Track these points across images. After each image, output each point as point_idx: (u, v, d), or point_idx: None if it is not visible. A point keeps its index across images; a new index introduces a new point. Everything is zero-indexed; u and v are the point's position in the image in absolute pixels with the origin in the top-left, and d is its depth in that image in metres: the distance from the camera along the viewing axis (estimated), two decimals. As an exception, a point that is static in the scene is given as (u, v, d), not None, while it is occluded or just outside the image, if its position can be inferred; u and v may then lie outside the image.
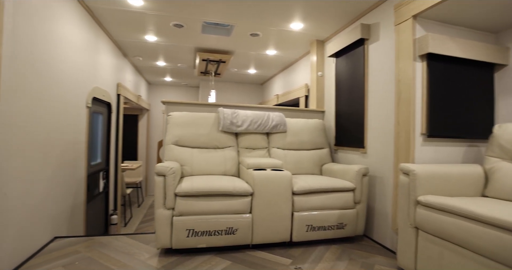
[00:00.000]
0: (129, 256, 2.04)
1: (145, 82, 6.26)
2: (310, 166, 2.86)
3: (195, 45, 3.77)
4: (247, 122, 2.84)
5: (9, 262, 1.79)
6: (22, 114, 1.87)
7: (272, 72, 5.19)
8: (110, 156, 3.78)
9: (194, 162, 2.61)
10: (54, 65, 2.25)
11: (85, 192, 2.93)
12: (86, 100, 2.90)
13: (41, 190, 2.12)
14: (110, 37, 3.54)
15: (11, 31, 1.73)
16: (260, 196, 2.15)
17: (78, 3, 2.60)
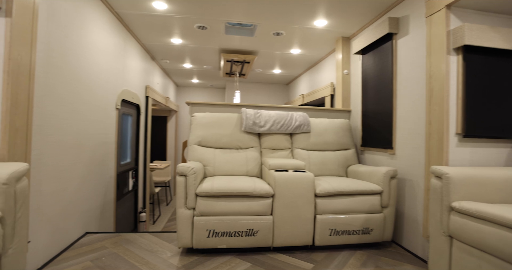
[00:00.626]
0: (152, 253, 2.09)
1: (173, 84, 6.44)
2: (335, 168, 2.76)
3: (219, 46, 3.80)
4: (270, 123, 2.80)
5: (44, 255, 1.90)
6: (55, 116, 1.98)
7: (297, 71, 5.10)
8: (139, 156, 3.92)
9: (217, 163, 2.62)
10: (85, 70, 2.37)
11: (114, 190, 3.06)
12: (115, 102, 3.03)
13: (73, 188, 2.24)
14: (139, 41, 3.67)
15: (45, 38, 1.84)
16: (281, 197, 2.10)
17: (108, 9, 2.72)
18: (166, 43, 3.73)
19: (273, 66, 4.79)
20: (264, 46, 3.73)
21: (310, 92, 4.49)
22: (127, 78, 3.35)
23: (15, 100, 1.57)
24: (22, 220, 1.43)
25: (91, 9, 2.43)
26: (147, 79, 4.21)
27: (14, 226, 1.38)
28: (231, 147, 2.75)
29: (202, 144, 2.71)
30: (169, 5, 2.66)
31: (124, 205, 3.48)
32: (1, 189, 1.31)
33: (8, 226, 1.34)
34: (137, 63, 3.70)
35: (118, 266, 1.88)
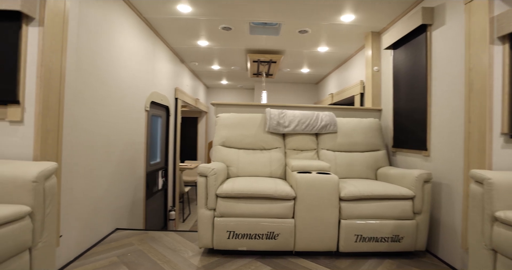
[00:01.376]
0: (175, 252, 2.11)
1: (203, 86, 6.58)
2: (363, 170, 2.60)
3: (245, 47, 3.79)
4: (295, 123, 2.71)
5: (76, 249, 2.01)
6: (85, 118, 2.09)
7: (326, 70, 4.93)
8: (168, 156, 4.04)
9: (240, 163, 2.59)
10: (115, 74, 2.48)
11: (144, 188, 3.17)
12: (144, 104, 3.14)
13: (103, 186, 2.34)
14: (167, 45, 3.78)
15: (75, 44, 1.94)
16: (303, 200, 2.01)
17: (136, 15, 2.82)
18: (193, 46, 3.81)
19: (301, 65, 4.67)
20: (290, 45, 3.65)
21: (339, 91, 4.31)
22: (156, 81, 3.46)
23: (47, 104, 1.67)
24: (51, 215, 1.51)
25: (120, 16, 2.53)
26: (176, 81, 4.33)
27: (44, 221, 1.46)
28: (255, 148, 2.71)
29: (226, 145, 2.71)
30: (193, 7, 2.70)
31: (154, 203, 3.60)
32: (31, 187, 1.39)
33: (37, 221, 1.42)
34: (166, 66, 3.81)
35: (141, 263, 1.93)
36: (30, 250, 1.40)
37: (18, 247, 1.30)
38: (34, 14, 1.64)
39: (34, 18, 1.65)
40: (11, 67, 1.63)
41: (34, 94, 1.64)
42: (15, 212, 1.29)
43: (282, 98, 6.08)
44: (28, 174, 1.40)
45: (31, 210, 1.38)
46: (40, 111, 1.63)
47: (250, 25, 3.15)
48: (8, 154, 1.64)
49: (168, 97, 3.94)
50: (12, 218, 1.27)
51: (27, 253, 1.38)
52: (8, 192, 1.39)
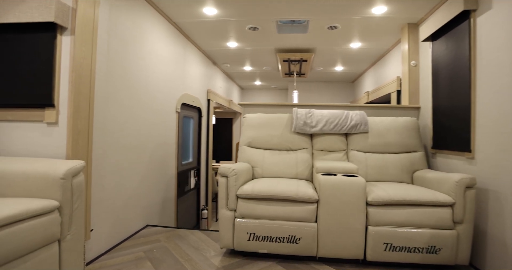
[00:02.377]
0: (198, 251, 2.13)
1: (237, 87, 6.64)
2: (397, 173, 2.37)
3: (274, 47, 3.73)
4: (322, 122, 2.58)
5: (107, 243, 2.12)
6: (116, 120, 2.20)
7: (362, 67, 4.66)
8: (201, 156, 4.13)
9: (265, 164, 2.54)
10: (145, 77, 2.58)
11: (175, 187, 3.27)
12: (175, 106, 3.24)
13: (133, 184, 2.45)
14: (198, 48, 3.87)
15: (105, 50, 2.06)
16: (326, 204, 1.89)
17: (166, 21, 2.93)
18: (223, 48, 3.85)
19: (334, 63, 4.47)
20: (320, 42, 3.50)
21: (375, 89, 4.04)
22: (187, 83, 3.56)
23: (77, 107, 1.78)
24: (79, 210, 1.60)
25: (151, 22, 2.64)
26: (209, 83, 4.41)
27: (71, 216, 1.55)
28: (281, 148, 2.63)
29: (252, 145, 2.67)
30: (218, 9, 2.71)
31: (186, 202, 3.70)
32: (59, 183, 1.49)
33: (65, 215, 1.51)
34: (197, 68, 3.90)
35: (164, 260, 1.97)
36: (59, 242, 1.50)
37: (47, 239, 1.40)
38: (66, 24, 1.76)
39: (66, 27, 1.78)
40: (47, 74, 1.77)
41: (67, 98, 1.77)
42: (44, 206, 1.38)
43: (316, 98, 5.89)
44: (57, 172, 1.49)
45: (59, 205, 1.48)
46: (71, 114, 1.75)
47: (278, 24, 3.08)
48: (45, 153, 1.79)
49: (200, 99, 4.03)
50: (41, 212, 1.36)
51: (56, 244, 1.47)
52: (40, 188, 1.50)
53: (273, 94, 7.00)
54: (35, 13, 1.72)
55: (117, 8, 2.17)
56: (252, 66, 4.80)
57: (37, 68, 1.78)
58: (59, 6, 1.71)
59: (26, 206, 1.32)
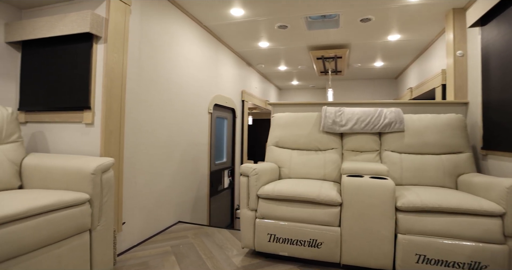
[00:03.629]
0: (221, 249, 2.14)
1: (275, 88, 6.60)
2: (438, 176, 2.11)
3: (306, 44, 3.62)
4: (352, 121, 2.42)
5: (139, 235, 2.25)
6: (147, 121, 2.33)
7: (404, 62, 4.27)
8: (235, 156, 4.18)
9: (292, 164, 2.47)
10: (176, 80, 2.69)
11: (208, 186, 3.35)
12: (208, 107, 3.32)
13: (165, 182, 2.57)
14: (231, 50, 3.93)
15: (137, 57, 2.19)
16: (350, 207, 1.76)
17: (197, 25, 3.02)
18: (255, 48, 3.85)
19: (372, 59, 4.18)
20: (354, 36, 3.30)
21: (418, 85, 3.66)
22: (220, 85, 3.63)
23: (109, 109, 1.92)
24: (108, 204, 1.72)
25: (181, 26, 2.75)
26: (243, 84, 4.45)
27: (101, 208, 1.67)
28: (309, 148, 2.54)
29: (280, 145, 2.62)
30: (245, 9, 2.71)
31: (219, 201, 3.77)
32: (90, 178, 1.61)
33: (95, 207, 1.63)
34: (231, 69, 3.96)
35: (187, 255, 2.02)
36: (90, 232, 1.62)
37: (79, 228, 1.52)
38: (100, 33, 1.92)
39: (100, 36, 1.93)
40: (85, 80, 1.94)
41: (101, 101, 1.92)
42: (75, 198, 1.51)
43: (355, 97, 5.57)
44: (88, 168, 1.62)
45: (90, 198, 1.60)
46: (104, 116, 1.89)
47: (307, 20, 2.98)
48: (84, 151, 1.96)
49: (234, 100, 4.08)
50: (73, 203, 1.49)
51: (87, 233, 1.60)
52: (76, 182, 1.64)
53: (311, 93, 6.81)
54: (75, 26, 1.90)
55: (148, 15, 2.30)
56: (286, 66, 4.72)
57: (78, 74, 1.96)
58: (94, 17, 1.87)
59: (60, 197, 1.45)
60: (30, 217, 1.30)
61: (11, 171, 1.74)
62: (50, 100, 2.02)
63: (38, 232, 1.32)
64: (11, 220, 1.22)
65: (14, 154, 1.79)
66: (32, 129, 2.12)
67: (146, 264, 1.89)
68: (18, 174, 1.78)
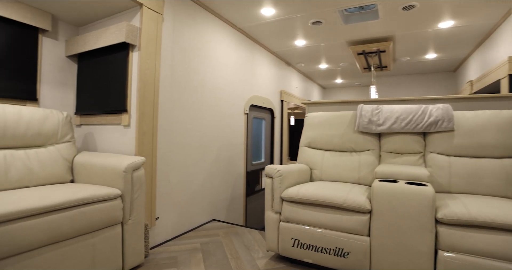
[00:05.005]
0: (247, 250, 2.09)
1: (318, 87, 6.33)
2: (499, 184, 1.74)
3: (344, 40, 3.36)
4: (391, 120, 2.16)
5: (172, 231, 2.33)
6: (181, 122, 2.40)
7: (463, 52, 3.68)
8: (273, 156, 4.10)
9: (324, 166, 2.31)
10: (209, 82, 2.73)
11: (244, 186, 3.33)
12: (243, 108, 3.31)
13: (199, 180, 2.62)
14: (268, 50, 3.85)
15: (170, 61, 2.27)
16: (381, 216, 1.55)
17: (231, 28, 3.03)
18: (292, 47, 3.71)
19: (424, 50, 3.69)
20: (398, 27, 2.94)
21: (480, 77, 3.11)
22: (256, 85, 3.59)
23: (143, 111, 2.02)
24: (139, 200, 1.80)
25: (214, 30, 2.77)
26: (282, 84, 4.35)
27: (132, 203, 1.75)
28: (343, 150, 2.34)
29: (312, 146, 2.47)
30: (276, 8, 2.62)
31: (257, 201, 3.72)
32: (122, 175, 1.71)
33: (127, 202, 1.71)
34: (268, 70, 3.89)
35: (214, 254, 2.01)
36: (122, 225, 1.71)
37: (110, 220, 1.62)
38: (135, 42, 2.02)
39: (135, 45, 2.04)
40: (123, 85, 2.07)
41: (135, 104, 2.03)
42: (108, 193, 1.61)
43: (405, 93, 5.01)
44: (121, 166, 1.72)
45: (121, 193, 1.69)
46: (138, 117, 2.00)
47: (343, 14, 2.75)
48: (122, 150, 2.09)
49: (272, 100, 4.00)
50: (105, 197, 1.59)
51: (119, 226, 1.69)
52: (111, 178, 1.75)
53: (357, 91, 6.35)
54: (113, 37, 2.04)
55: (180, 21, 2.36)
56: (327, 64, 4.47)
57: (117, 81, 2.10)
58: (129, 28, 1.98)
59: (95, 192, 1.56)
60: (66, 208, 1.42)
61: (64, 167, 1.94)
62: (97, 105, 2.21)
63: (74, 222, 1.43)
64: (50, 210, 1.35)
65: (67, 152, 1.99)
66: (85, 131, 2.35)
67: (175, 259, 1.93)
68: (70, 170, 1.98)
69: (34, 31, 2.14)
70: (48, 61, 2.24)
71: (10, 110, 1.81)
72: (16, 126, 1.80)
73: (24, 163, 1.78)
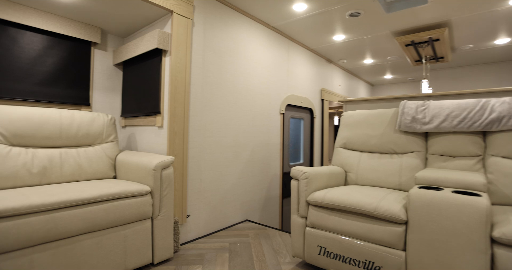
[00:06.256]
0: (275, 254, 1.99)
1: (365, 84, 5.84)
2: None
3: (389, 30, 2.99)
4: (440, 117, 1.84)
5: (204, 229, 2.35)
6: (213, 122, 2.41)
7: (551, 32, 2.97)
8: (313, 158, 3.89)
9: (360, 169, 2.08)
10: (243, 82, 2.69)
11: (280, 188, 3.22)
12: (279, 108, 3.20)
13: (231, 180, 2.60)
14: (306, 47, 3.67)
15: (201, 64, 2.29)
16: (418, 229, 1.31)
17: (265, 27, 2.95)
18: (331, 43, 3.46)
19: (491, 35, 3.07)
20: (454, 9, 2.49)
21: None
22: (293, 84, 3.44)
23: (174, 113, 2.07)
24: (168, 197, 1.84)
25: (247, 30, 2.73)
26: (323, 82, 4.10)
27: (161, 200, 1.80)
28: (382, 151, 2.08)
29: (348, 147, 2.26)
30: (307, 3, 2.45)
31: (295, 201, 3.57)
32: (151, 173, 1.77)
33: (156, 199, 1.77)
34: (306, 68, 3.71)
35: (240, 255, 1.96)
36: (152, 220, 1.78)
37: (141, 215, 1.69)
38: (167, 48, 2.09)
39: (167, 50, 2.11)
40: (157, 88, 2.15)
41: (167, 106, 2.09)
42: (138, 189, 1.68)
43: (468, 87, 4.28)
44: (151, 164, 1.78)
45: (150, 190, 1.75)
46: (169, 118, 2.05)
47: (384, 1, 2.45)
48: (156, 150, 2.18)
49: (311, 99, 3.81)
50: (136, 193, 1.66)
51: (149, 221, 1.75)
52: (142, 176, 1.83)
53: (410, 87, 5.68)
54: (148, 44, 2.13)
55: (211, 24, 2.37)
56: (372, 58, 4.07)
57: (153, 84, 2.20)
58: (160, 35, 2.05)
59: (126, 188, 1.64)
60: (100, 201, 1.53)
61: (108, 164, 2.09)
62: (137, 108, 2.35)
63: (107, 214, 1.53)
64: (86, 202, 1.47)
65: (111, 151, 2.15)
66: (129, 132, 2.52)
67: (202, 256, 1.93)
68: (113, 167, 2.13)
69: (87, 44, 2.37)
70: (99, 70, 2.46)
71: (65, 114, 2.01)
72: (69, 128, 2.00)
73: (75, 160, 1.96)
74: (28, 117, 1.85)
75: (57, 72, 2.21)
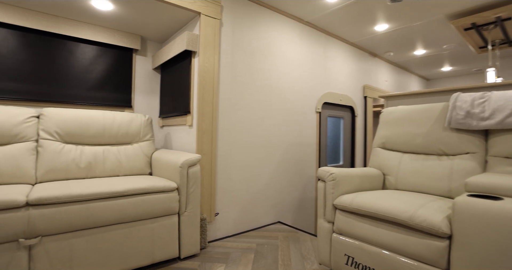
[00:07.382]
0: (302, 259, 1.85)
1: (418, 78, 5.20)
2: None
3: (443, 13, 2.58)
4: (504, 111, 1.51)
5: (233, 228, 2.32)
6: (243, 121, 2.37)
7: None
8: (355, 159, 3.59)
9: (401, 172, 1.83)
10: (274, 81, 2.60)
11: (316, 190, 3.03)
12: (315, 106, 3.02)
13: (263, 180, 2.52)
14: (345, 41, 3.40)
15: (230, 63, 2.27)
16: (466, 246, 1.06)
17: (297, 22, 2.81)
18: (374, 34, 3.14)
19: None
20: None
21: None
22: (331, 81, 3.22)
23: (202, 112, 2.08)
24: (194, 194, 1.85)
25: (278, 27, 2.63)
26: (366, 78, 3.77)
27: (187, 197, 1.82)
28: (428, 152, 1.79)
29: (387, 147, 2.01)
30: (342, -8, 2.26)
31: (334, 204, 3.33)
32: (178, 170, 1.80)
33: (182, 195, 1.80)
34: (346, 64, 3.44)
35: (266, 257, 1.87)
36: (179, 216, 1.81)
37: (168, 210, 1.73)
38: (196, 49, 2.12)
39: (195, 51, 2.14)
40: (188, 89, 2.20)
41: (196, 106, 2.11)
42: (165, 185, 1.73)
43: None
44: (178, 162, 1.81)
45: (177, 187, 1.79)
46: (198, 117, 2.07)
47: (433, -18, 2.11)
48: (186, 148, 2.22)
49: (352, 97, 3.52)
50: (163, 189, 1.71)
51: (176, 216, 1.78)
52: (171, 172, 1.88)
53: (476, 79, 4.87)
54: (179, 46, 2.19)
55: (240, 24, 2.34)
56: (425, 48, 3.58)
57: (184, 85, 2.25)
58: (189, 36, 2.09)
59: (155, 183, 1.71)
60: (130, 195, 1.61)
61: (144, 161, 2.21)
62: (172, 108, 2.44)
63: (136, 207, 1.61)
64: (117, 195, 1.56)
65: (147, 149, 2.26)
66: (165, 131, 2.63)
67: (227, 255, 1.90)
68: (149, 164, 2.24)
69: (129, 51, 2.55)
70: (140, 75, 2.62)
71: (107, 115, 2.18)
72: (111, 127, 2.15)
73: (116, 157, 2.11)
74: (78, 118, 2.04)
75: (104, 78, 2.41)
